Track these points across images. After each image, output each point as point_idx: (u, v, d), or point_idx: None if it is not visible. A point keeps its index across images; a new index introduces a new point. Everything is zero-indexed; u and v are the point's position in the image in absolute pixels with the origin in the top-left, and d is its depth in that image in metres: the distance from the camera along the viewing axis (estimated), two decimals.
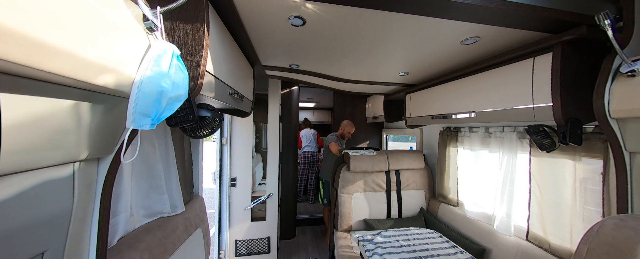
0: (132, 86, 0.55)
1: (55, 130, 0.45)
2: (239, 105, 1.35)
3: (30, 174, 0.45)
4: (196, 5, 0.76)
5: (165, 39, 0.66)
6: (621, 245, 0.65)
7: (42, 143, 0.43)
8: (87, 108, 0.50)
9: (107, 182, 0.64)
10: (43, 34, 0.35)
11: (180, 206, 1.14)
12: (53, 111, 0.44)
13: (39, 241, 0.48)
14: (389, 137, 3.69)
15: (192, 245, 1.21)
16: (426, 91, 1.92)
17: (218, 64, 0.95)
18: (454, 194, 2.01)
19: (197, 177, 1.45)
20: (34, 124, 0.41)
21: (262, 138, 3.51)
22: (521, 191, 1.46)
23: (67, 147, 0.49)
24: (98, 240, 0.63)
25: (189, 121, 0.76)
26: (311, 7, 0.87)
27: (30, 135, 0.41)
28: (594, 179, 1.14)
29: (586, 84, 0.96)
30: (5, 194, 0.41)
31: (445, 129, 2.10)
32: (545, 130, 1.16)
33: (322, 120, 6.66)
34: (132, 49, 0.55)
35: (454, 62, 1.42)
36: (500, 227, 1.52)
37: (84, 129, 0.51)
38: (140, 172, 0.99)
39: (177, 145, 1.14)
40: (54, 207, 0.50)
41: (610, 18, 0.78)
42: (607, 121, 0.86)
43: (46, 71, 0.37)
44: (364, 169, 2.14)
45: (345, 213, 2.11)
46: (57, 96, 0.44)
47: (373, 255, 1.58)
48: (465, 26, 0.97)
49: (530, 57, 1.07)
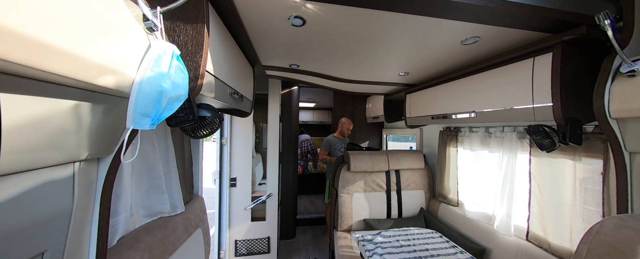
0: (132, 86, 0.55)
1: (55, 130, 0.45)
2: (239, 105, 1.35)
3: (31, 174, 0.45)
4: (196, 5, 0.76)
5: (165, 39, 0.66)
6: (621, 245, 0.65)
7: (42, 143, 0.43)
8: (87, 108, 0.50)
9: (107, 182, 0.64)
10: (43, 34, 0.35)
11: (180, 206, 1.14)
12: (53, 111, 0.44)
13: (39, 241, 0.48)
14: (389, 137, 3.69)
15: (192, 245, 1.21)
16: (426, 91, 1.92)
17: (218, 64, 0.95)
18: (454, 194, 2.01)
19: (197, 177, 1.45)
20: (33, 124, 0.41)
21: (262, 138, 3.51)
22: (521, 191, 1.46)
23: (67, 147, 0.49)
24: (98, 240, 0.63)
25: (189, 121, 0.76)
26: (311, 7, 0.87)
27: (30, 135, 0.41)
28: (594, 179, 1.14)
29: (586, 84, 0.95)
30: (5, 194, 0.41)
31: (445, 129, 2.10)
32: (545, 130, 1.16)
33: (322, 120, 6.67)
34: (132, 49, 0.55)
35: (454, 62, 1.42)
36: (500, 227, 1.52)
37: (84, 129, 0.51)
38: (140, 172, 0.99)
39: (177, 145, 1.14)
40: (54, 207, 0.50)
41: (610, 18, 0.78)
42: (607, 121, 0.86)
43: (46, 71, 0.37)
44: (364, 169, 2.14)
45: (345, 213, 2.11)
46: (57, 96, 0.44)
47: (373, 255, 1.58)
48: (465, 26, 0.97)
49: (530, 57, 1.07)
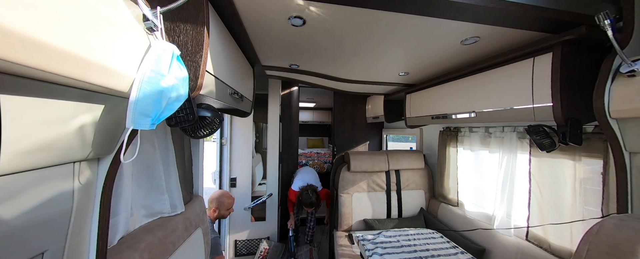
0: (132, 86, 0.55)
1: (55, 130, 0.45)
2: (239, 105, 1.35)
3: (30, 174, 0.45)
4: (196, 6, 0.76)
5: (165, 39, 0.66)
6: (621, 245, 0.65)
7: (42, 143, 0.43)
8: (87, 108, 0.50)
9: (107, 182, 0.64)
10: (43, 34, 0.35)
11: (180, 206, 1.14)
12: (53, 111, 0.44)
13: (39, 241, 0.48)
14: (389, 137, 3.68)
15: (192, 245, 1.21)
16: (426, 91, 1.92)
17: (218, 64, 0.95)
18: (454, 194, 2.01)
19: (197, 177, 1.45)
20: (33, 124, 0.41)
21: (262, 138, 3.51)
22: (521, 191, 1.46)
23: (67, 147, 0.49)
24: (98, 240, 0.63)
25: (189, 121, 0.76)
26: (311, 7, 0.87)
27: (30, 135, 0.41)
28: (594, 179, 1.14)
29: (586, 84, 0.95)
30: (6, 194, 0.41)
31: (445, 129, 2.10)
32: (545, 130, 1.16)
33: (322, 120, 6.66)
34: (132, 49, 0.55)
35: (454, 62, 1.42)
36: (500, 227, 1.52)
37: (83, 129, 0.51)
38: (140, 172, 0.99)
39: (177, 145, 1.14)
40: (54, 207, 0.50)
41: (610, 18, 0.78)
42: (607, 121, 0.86)
43: (46, 70, 0.37)
44: (364, 169, 2.14)
45: (346, 213, 2.11)
46: (57, 96, 0.44)
47: (373, 255, 1.58)
48: (465, 26, 0.97)
49: (530, 57, 1.07)
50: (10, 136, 0.37)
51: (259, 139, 3.50)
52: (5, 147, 0.37)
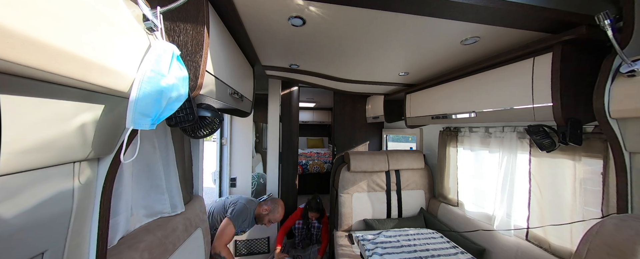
0: (132, 86, 0.55)
1: (55, 130, 0.45)
2: (239, 105, 1.35)
3: (31, 174, 0.45)
4: (196, 6, 0.76)
5: (165, 39, 0.66)
6: (621, 245, 0.65)
7: (42, 143, 0.43)
8: (87, 108, 0.51)
9: (107, 182, 0.64)
10: (43, 34, 0.35)
11: (180, 206, 1.14)
12: (53, 111, 0.44)
13: (39, 241, 0.48)
14: (389, 137, 3.68)
15: (192, 245, 1.21)
16: (426, 91, 1.92)
17: (218, 64, 0.95)
18: (454, 194, 2.01)
19: (197, 177, 1.45)
20: (33, 124, 0.41)
21: (262, 138, 3.51)
22: (521, 191, 1.46)
23: (67, 147, 0.49)
24: (98, 240, 0.63)
25: (189, 121, 0.76)
26: (311, 7, 0.87)
27: (30, 135, 0.41)
28: (594, 179, 1.14)
29: (586, 84, 0.95)
30: (6, 194, 0.41)
31: (445, 129, 2.10)
32: (545, 130, 1.16)
33: (322, 120, 6.65)
34: (132, 49, 0.55)
35: (454, 62, 1.42)
36: (500, 227, 1.52)
37: (83, 129, 0.51)
38: (140, 172, 0.99)
39: (177, 145, 1.14)
40: (54, 207, 0.50)
41: (610, 18, 0.78)
42: (607, 121, 0.86)
43: (46, 70, 0.38)
44: (364, 169, 2.14)
45: (345, 213, 2.11)
46: (58, 96, 0.44)
47: (373, 255, 1.58)
48: (465, 26, 0.97)
49: (530, 57, 1.07)
50: (10, 136, 0.37)
51: (259, 139, 3.50)
52: (5, 147, 0.37)
